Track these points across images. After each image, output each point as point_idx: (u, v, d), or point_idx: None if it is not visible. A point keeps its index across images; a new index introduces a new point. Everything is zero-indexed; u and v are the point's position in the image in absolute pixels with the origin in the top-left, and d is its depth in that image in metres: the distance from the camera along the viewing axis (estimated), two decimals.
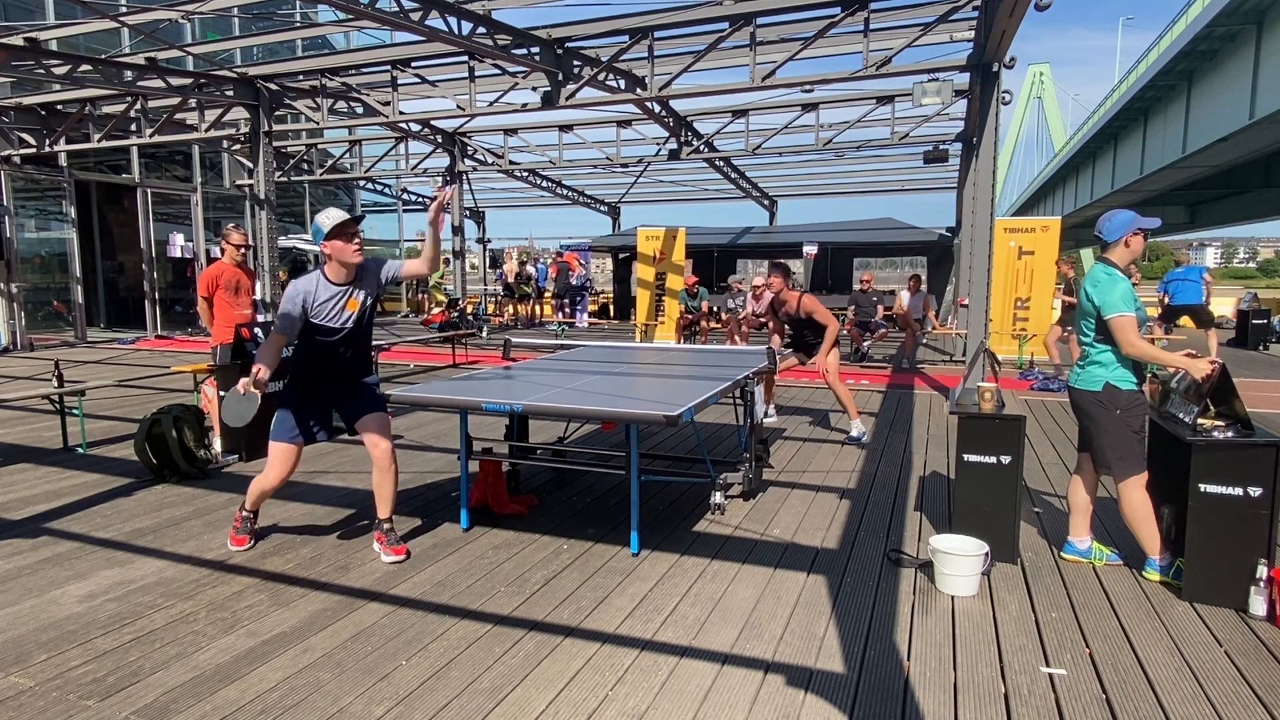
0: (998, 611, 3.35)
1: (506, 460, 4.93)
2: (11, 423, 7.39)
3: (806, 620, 3.26)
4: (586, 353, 6.41)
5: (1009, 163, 76.91)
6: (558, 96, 10.09)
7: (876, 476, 5.49)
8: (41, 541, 4.18)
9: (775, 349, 6.04)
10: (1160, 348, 3.66)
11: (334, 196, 24.51)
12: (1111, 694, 2.72)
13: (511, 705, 2.64)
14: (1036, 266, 12.19)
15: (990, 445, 3.81)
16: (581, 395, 4.19)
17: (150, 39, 10.22)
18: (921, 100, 9.50)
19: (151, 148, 15.86)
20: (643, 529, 4.15)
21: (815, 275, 19.71)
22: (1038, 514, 4.65)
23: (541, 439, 6.21)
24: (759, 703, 2.66)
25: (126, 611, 3.34)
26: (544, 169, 19.87)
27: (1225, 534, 3.34)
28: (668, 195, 25.04)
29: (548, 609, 3.38)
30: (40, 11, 14.86)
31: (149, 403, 7.95)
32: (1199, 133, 23.92)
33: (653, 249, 15.20)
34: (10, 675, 2.82)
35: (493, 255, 25.30)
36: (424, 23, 8.12)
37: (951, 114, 13.70)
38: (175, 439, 5.33)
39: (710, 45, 9.57)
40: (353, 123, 13.19)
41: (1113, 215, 3.69)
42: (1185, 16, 21.50)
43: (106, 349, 13.80)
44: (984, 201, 8.80)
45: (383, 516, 3.98)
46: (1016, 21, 7.41)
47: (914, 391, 9.27)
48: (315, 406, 3.99)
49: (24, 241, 15.24)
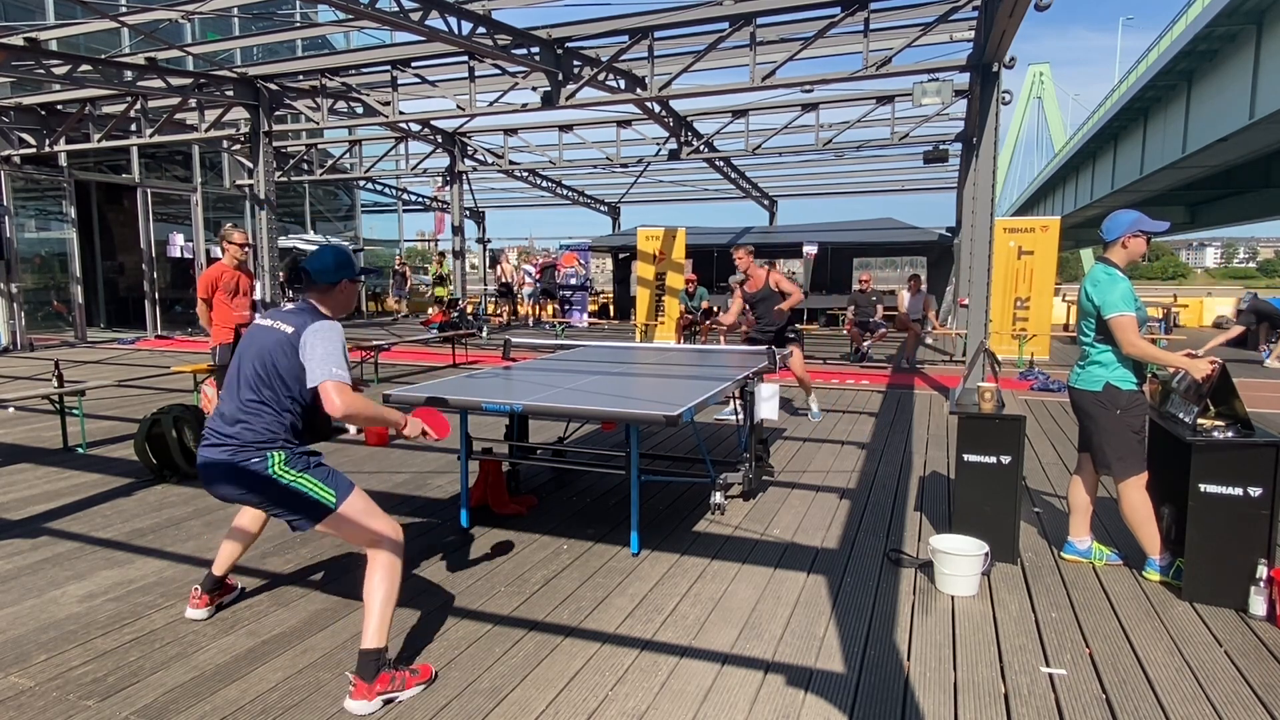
0: (998, 611, 3.35)
1: (506, 460, 4.93)
2: (11, 423, 7.39)
3: (806, 620, 3.26)
4: (586, 353, 6.41)
5: (1009, 163, 76.92)
6: (558, 96, 10.09)
7: (876, 476, 5.49)
8: (41, 541, 4.18)
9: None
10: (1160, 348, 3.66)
11: (334, 196, 24.53)
12: (1111, 694, 2.72)
13: (511, 705, 2.64)
14: (1036, 266, 12.18)
15: (990, 445, 3.81)
16: (581, 395, 4.19)
17: (150, 39, 10.22)
18: (921, 100, 9.50)
19: (151, 148, 15.87)
20: (643, 529, 4.15)
21: (815, 275, 19.71)
22: (1038, 514, 4.65)
23: (541, 439, 6.21)
24: (759, 703, 2.66)
25: (126, 611, 3.34)
26: (544, 169, 19.87)
27: (1225, 534, 3.34)
28: (668, 195, 25.05)
29: (548, 609, 3.37)
30: (40, 11, 14.86)
31: (149, 403, 7.95)
32: (1199, 133, 23.91)
33: (653, 249, 15.20)
34: (10, 675, 2.82)
35: (492, 255, 25.30)
36: (424, 23, 8.12)
37: (951, 114, 13.70)
38: (175, 439, 5.33)
39: (710, 45, 9.57)
40: (353, 123, 13.20)
41: (1116, 215, 3.68)
42: (1185, 16, 21.49)
43: (106, 349, 13.80)
44: (984, 201, 8.80)
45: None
46: (1016, 21, 7.41)
47: (914, 391, 9.27)
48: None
49: (24, 241, 15.24)
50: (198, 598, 3.26)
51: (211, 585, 3.30)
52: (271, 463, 2.72)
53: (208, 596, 3.28)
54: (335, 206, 24.71)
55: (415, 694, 2.71)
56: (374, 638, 2.68)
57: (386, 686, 2.66)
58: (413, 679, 2.74)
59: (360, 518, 2.79)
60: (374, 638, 2.68)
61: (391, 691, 2.67)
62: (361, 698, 2.62)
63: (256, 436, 2.73)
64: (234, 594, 3.44)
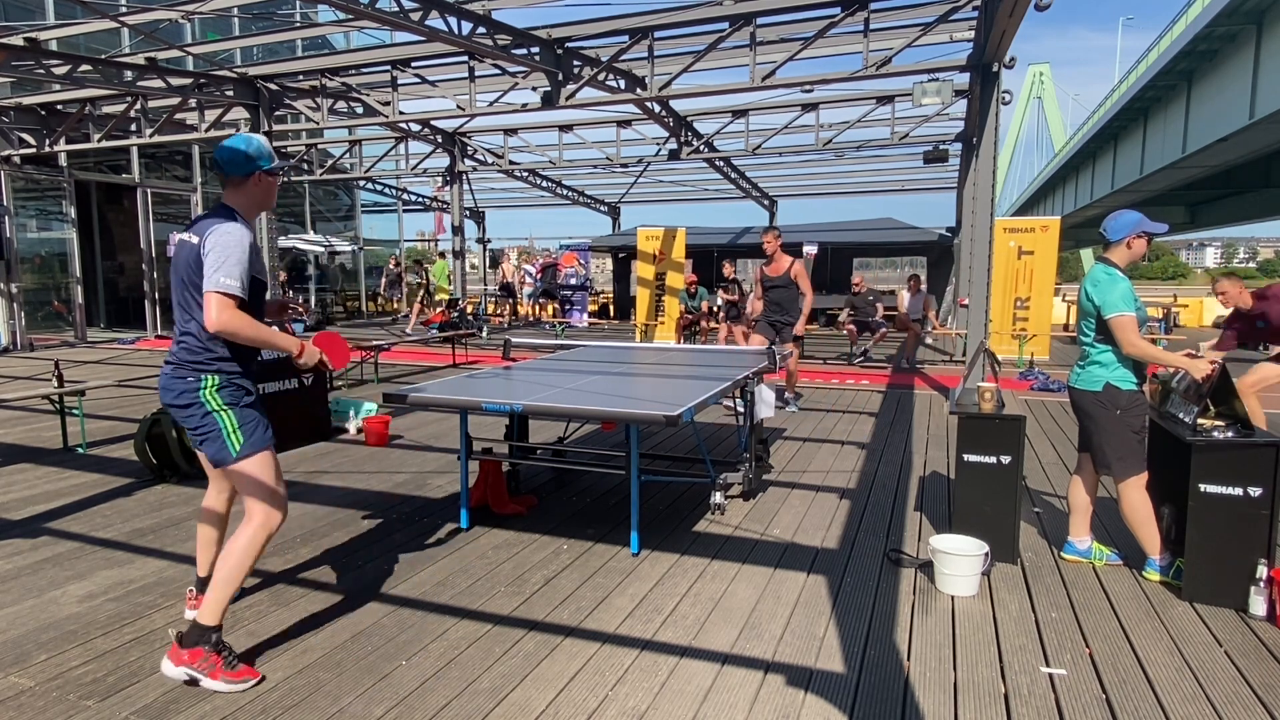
0: (998, 611, 3.35)
1: (506, 460, 4.93)
2: (11, 423, 7.39)
3: (806, 620, 3.26)
4: (586, 353, 6.41)
5: (1009, 163, 76.92)
6: (558, 96, 10.09)
7: (876, 476, 5.49)
8: (41, 541, 4.18)
9: (763, 344, 6.08)
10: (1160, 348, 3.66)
11: (334, 196, 24.53)
12: (1111, 694, 2.72)
13: (511, 705, 2.64)
14: (1036, 266, 12.18)
15: (990, 445, 3.81)
16: (581, 395, 4.19)
17: (150, 39, 10.22)
18: (921, 100, 9.50)
19: (151, 148, 15.86)
20: (643, 529, 4.15)
21: (815, 275, 19.69)
22: (1038, 514, 4.65)
23: (541, 439, 6.21)
24: (759, 703, 2.66)
25: (126, 611, 3.34)
26: (544, 169, 19.86)
27: (1225, 534, 3.34)
28: (668, 195, 25.04)
29: (547, 609, 3.37)
30: (40, 11, 14.86)
31: (149, 403, 7.95)
32: (1199, 133, 23.91)
33: (653, 249, 15.20)
34: (10, 675, 2.82)
35: (493, 255, 25.31)
36: (424, 23, 8.12)
37: (951, 114, 13.70)
38: (175, 439, 5.33)
39: (710, 45, 9.57)
40: (353, 123, 13.19)
41: (1119, 215, 3.68)
42: (1185, 16, 21.49)
43: (106, 349, 13.80)
44: (984, 201, 8.80)
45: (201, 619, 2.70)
46: (1016, 21, 7.41)
47: (914, 391, 9.27)
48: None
49: (24, 241, 15.24)
50: (193, 599, 3.23)
51: (202, 586, 3.23)
52: (204, 385, 2.64)
53: (202, 598, 3.25)
54: (335, 206, 24.71)
55: (220, 687, 2.65)
56: (208, 615, 2.62)
57: (194, 663, 2.60)
58: (226, 672, 2.65)
59: (253, 479, 2.70)
60: (208, 615, 2.62)
61: (198, 671, 2.60)
62: (171, 659, 2.61)
63: (191, 355, 2.65)
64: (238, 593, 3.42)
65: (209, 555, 3.17)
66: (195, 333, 2.65)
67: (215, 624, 2.61)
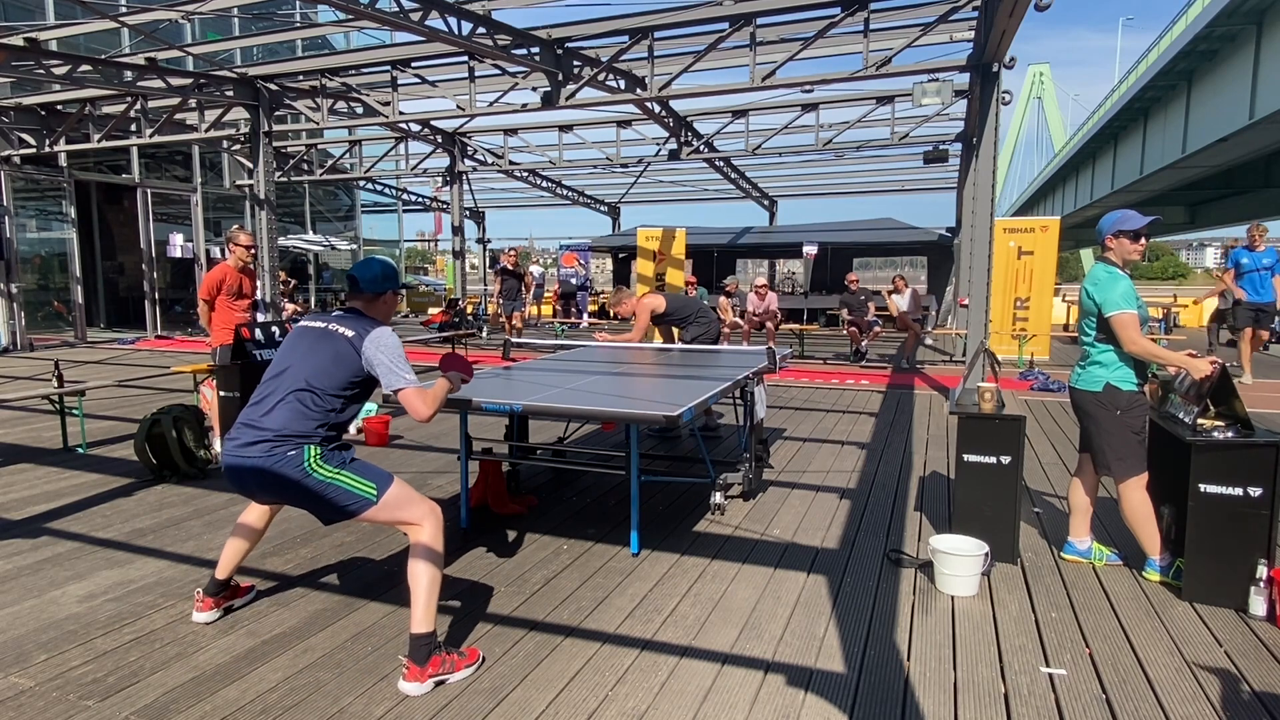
0: (998, 611, 3.35)
1: (506, 460, 4.93)
2: (11, 423, 7.39)
3: (806, 620, 3.26)
4: (586, 353, 6.41)
5: (1009, 163, 76.95)
6: (558, 96, 10.09)
7: (876, 476, 5.49)
8: (41, 541, 4.18)
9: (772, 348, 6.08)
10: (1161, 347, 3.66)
11: (334, 196, 24.53)
12: (1111, 694, 2.72)
13: (511, 705, 2.64)
14: (1036, 266, 12.18)
15: (990, 445, 3.81)
16: (581, 395, 4.19)
17: (150, 39, 10.22)
18: (921, 100, 9.50)
19: (151, 148, 15.87)
20: (643, 529, 4.15)
21: (815, 275, 19.71)
22: (1038, 514, 4.65)
23: (541, 439, 6.21)
24: (759, 703, 2.66)
25: (126, 611, 3.34)
26: (544, 169, 19.86)
27: (1225, 534, 3.34)
28: (668, 195, 25.04)
29: (548, 609, 3.37)
30: (40, 11, 14.86)
31: (149, 403, 7.95)
32: (1199, 133, 23.92)
33: (653, 249, 15.20)
34: (10, 675, 2.82)
35: (492, 255, 25.28)
36: (424, 23, 8.12)
37: (951, 114, 13.70)
38: (175, 439, 5.33)
39: (710, 45, 9.56)
40: (353, 123, 13.18)
41: (1106, 215, 3.72)
42: (1185, 17, 21.50)
43: (106, 349, 13.79)
44: (984, 201, 8.80)
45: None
46: (1016, 22, 7.41)
47: (914, 391, 9.27)
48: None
49: (24, 241, 15.24)
50: (200, 600, 3.24)
51: (215, 589, 3.26)
52: (307, 456, 2.78)
53: (211, 600, 3.25)
54: (335, 206, 24.72)
55: (465, 676, 2.80)
56: (422, 622, 2.76)
57: (438, 669, 2.75)
58: (461, 661, 2.82)
59: (400, 504, 2.88)
60: (422, 622, 2.76)
61: (443, 674, 2.76)
62: (415, 680, 2.71)
63: (296, 430, 2.80)
64: (248, 596, 3.43)
65: (235, 561, 3.26)
66: (314, 411, 2.83)
67: (432, 629, 2.79)
